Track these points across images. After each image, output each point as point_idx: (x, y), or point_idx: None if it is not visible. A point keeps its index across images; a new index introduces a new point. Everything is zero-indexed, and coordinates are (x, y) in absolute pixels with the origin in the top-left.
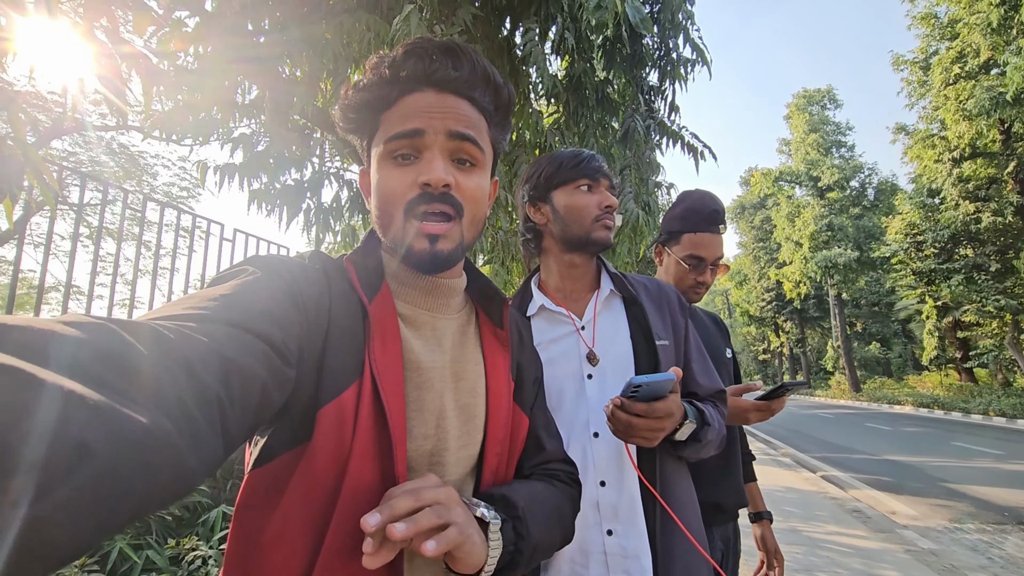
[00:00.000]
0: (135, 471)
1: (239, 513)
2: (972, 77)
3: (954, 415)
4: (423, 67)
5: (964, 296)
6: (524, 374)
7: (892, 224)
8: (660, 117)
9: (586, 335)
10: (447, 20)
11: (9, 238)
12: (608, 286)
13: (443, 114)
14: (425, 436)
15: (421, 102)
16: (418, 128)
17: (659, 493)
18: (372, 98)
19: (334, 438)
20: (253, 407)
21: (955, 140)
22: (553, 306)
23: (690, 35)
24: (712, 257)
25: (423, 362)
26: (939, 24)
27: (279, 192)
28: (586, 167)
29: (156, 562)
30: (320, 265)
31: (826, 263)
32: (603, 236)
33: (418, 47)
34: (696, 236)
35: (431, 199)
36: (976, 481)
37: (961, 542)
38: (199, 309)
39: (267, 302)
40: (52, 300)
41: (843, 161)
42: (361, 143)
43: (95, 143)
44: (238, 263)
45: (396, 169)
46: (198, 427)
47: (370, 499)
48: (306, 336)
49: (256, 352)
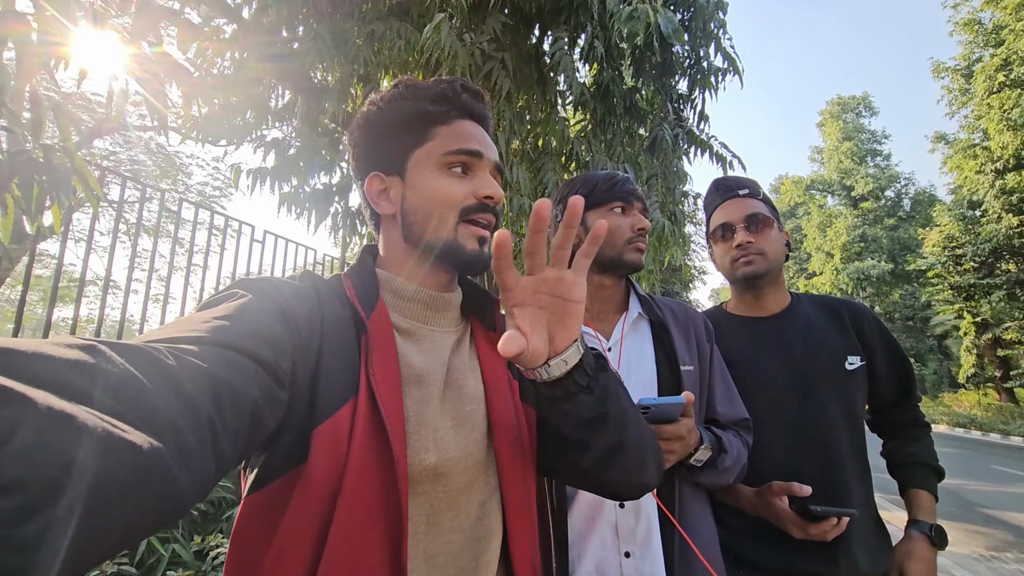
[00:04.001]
0: (126, 492)
1: (236, 539)
2: (1018, 85)
3: (992, 436)
4: (472, 102)
5: (1005, 313)
6: None
7: (929, 236)
8: (689, 126)
9: (612, 356)
10: (477, 28)
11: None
12: (636, 308)
13: (489, 147)
14: (426, 449)
15: (473, 130)
16: (479, 151)
17: (676, 519)
18: (434, 111)
19: (330, 457)
20: (245, 428)
21: (999, 151)
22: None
23: (722, 44)
24: (737, 217)
25: (422, 375)
26: (983, 30)
27: (308, 196)
28: (620, 190)
29: (182, 556)
30: (310, 284)
31: (858, 275)
32: (635, 259)
33: (466, 85)
34: (716, 211)
35: (486, 209)
36: (1017, 508)
37: (999, 572)
38: (191, 331)
39: (258, 323)
40: (90, 293)
41: (878, 170)
42: (397, 147)
43: (135, 143)
44: (227, 287)
45: (455, 178)
46: (190, 448)
47: (367, 514)
48: (299, 356)
49: (248, 373)
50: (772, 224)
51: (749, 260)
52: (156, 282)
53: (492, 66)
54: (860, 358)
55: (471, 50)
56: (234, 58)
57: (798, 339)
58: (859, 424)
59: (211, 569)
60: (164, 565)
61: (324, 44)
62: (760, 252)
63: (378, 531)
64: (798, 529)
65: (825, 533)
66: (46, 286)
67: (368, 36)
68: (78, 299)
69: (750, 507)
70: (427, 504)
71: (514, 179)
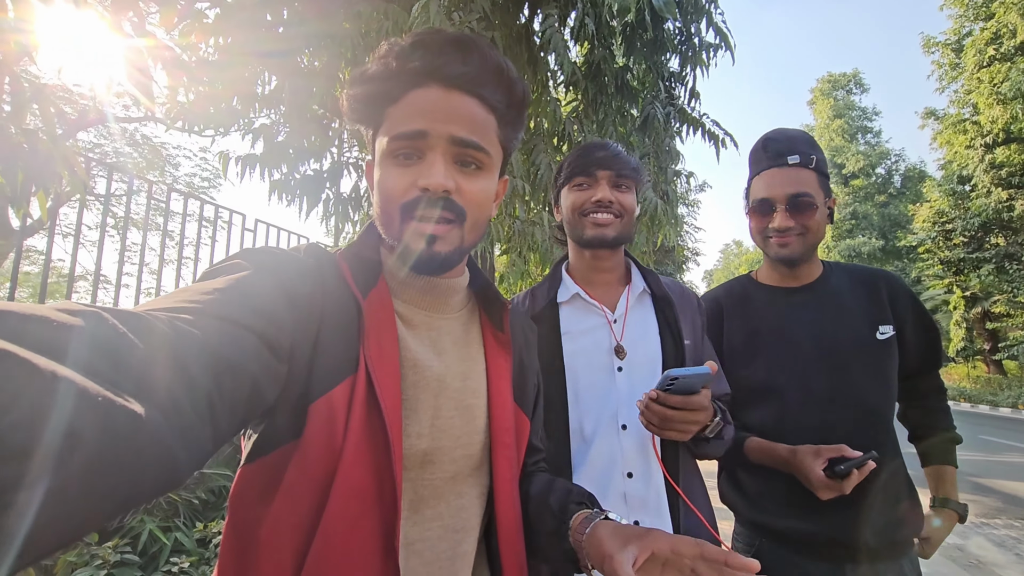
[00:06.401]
0: (124, 462)
1: (233, 506)
2: (1008, 59)
3: (982, 408)
4: (430, 61)
5: (994, 286)
6: (527, 377)
7: (920, 212)
8: (680, 104)
9: (616, 328)
10: (466, 7)
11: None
12: (641, 283)
13: (447, 115)
14: (419, 435)
15: (426, 100)
16: (421, 130)
17: (680, 488)
18: (377, 91)
19: (325, 434)
20: (243, 401)
21: (988, 125)
22: (587, 297)
23: (713, 19)
24: (780, 195)
25: (420, 360)
26: (973, 4)
27: (299, 182)
28: (579, 162)
29: (184, 544)
30: (314, 259)
31: (849, 252)
32: (593, 234)
33: (425, 39)
34: (759, 177)
35: (430, 203)
36: (1005, 476)
37: (989, 537)
38: (191, 303)
39: (259, 297)
40: (80, 288)
41: (869, 147)
42: (367, 134)
43: (119, 134)
44: (230, 256)
45: (397, 168)
46: (187, 420)
47: (362, 497)
48: (298, 331)
49: (247, 347)
50: (816, 208)
51: (786, 243)
52: (147, 275)
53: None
54: (892, 327)
55: (460, 29)
56: (218, 44)
57: (830, 309)
58: (891, 394)
59: (214, 556)
60: (167, 552)
61: (310, 28)
62: (800, 234)
63: (373, 510)
64: (828, 491)
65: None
66: (34, 282)
67: (355, 18)
68: (68, 295)
69: (782, 464)
70: (411, 491)
71: None
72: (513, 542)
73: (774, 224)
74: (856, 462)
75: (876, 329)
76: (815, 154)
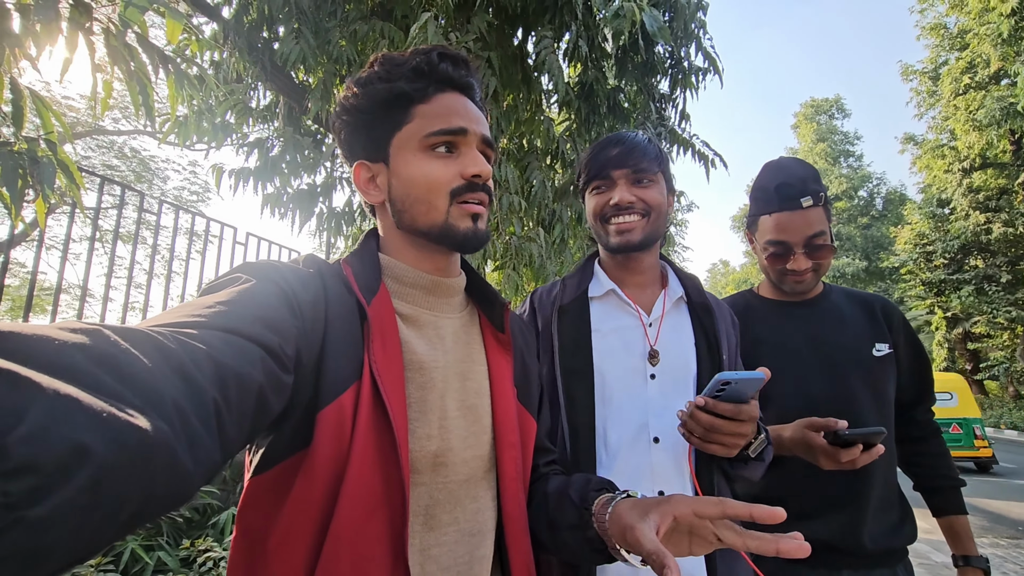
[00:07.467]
0: (133, 475)
1: (242, 517)
2: (982, 87)
3: None
4: (452, 72)
5: (974, 307)
6: (530, 377)
7: (901, 234)
8: (671, 125)
9: (651, 332)
10: (462, 28)
11: (23, 239)
12: (679, 289)
13: (476, 118)
14: (428, 436)
15: (455, 102)
16: (463, 127)
17: None
18: (409, 89)
19: (333, 441)
20: (250, 412)
21: (965, 150)
22: (623, 295)
23: (702, 44)
24: (798, 239)
25: (425, 362)
26: (949, 35)
27: (292, 196)
28: (592, 163)
29: (167, 563)
30: (315, 269)
31: (834, 273)
32: (618, 241)
33: (445, 52)
34: (771, 218)
35: (476, 188)
36: (989, 495)
37: None
38: (194, 316)
39: (262, 308)
40: (63, 303)
41: (851, 171)
42: (370, 135)
43: (107, 147)
44: (230, 270)
45: (439, 160)
46: (195, 432)
47: (370, 501)
48: (303, 340)
49: (253, 358)
50: (831, 246)
51: (802, 280)
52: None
53: (478, 65)
54: (888, 346)
55: (457, 49)
56: (213, 60)
57: (829, 323)
58: (888, 410)
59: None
60: (150, 572)
61: (306, 44)
62: (815, 271)
63: (381, 515)
64: (830, 460)
65: (855, 461)
66: (15, 295)
67: (351, 36)
68: (54, 309)
69: (787, 446)
70: (426, 496)
71: (503, 177)
72: (520, 541)
73: (792, 266)
74: (864, 432)
75: (873, 346)
76: (822, 190)
